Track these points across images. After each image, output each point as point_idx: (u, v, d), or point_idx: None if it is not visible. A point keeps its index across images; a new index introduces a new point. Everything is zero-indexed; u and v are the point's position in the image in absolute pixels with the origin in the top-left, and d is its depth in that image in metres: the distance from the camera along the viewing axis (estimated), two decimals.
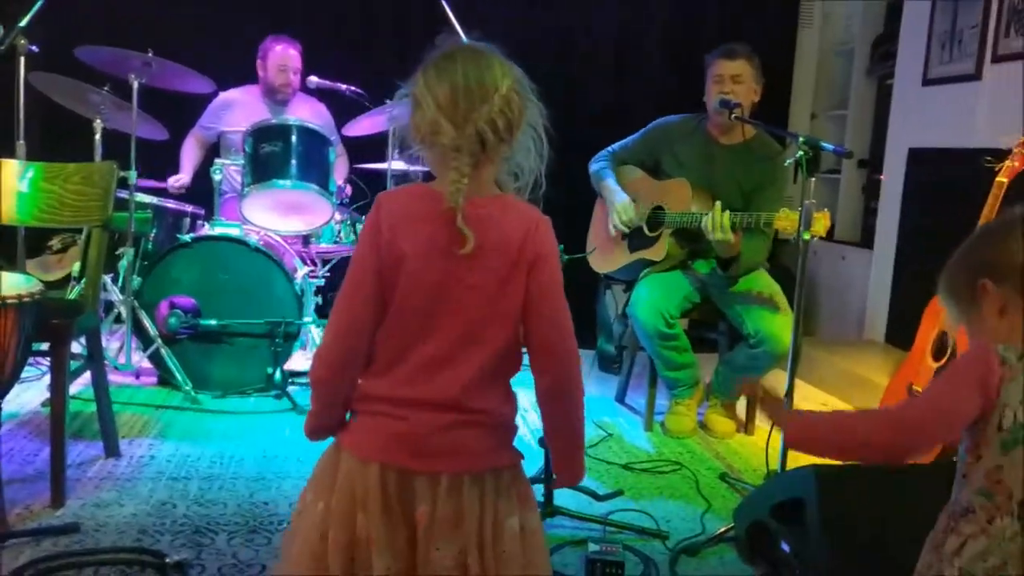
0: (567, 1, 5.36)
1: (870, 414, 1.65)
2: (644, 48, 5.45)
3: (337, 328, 1.54)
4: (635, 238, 3.69)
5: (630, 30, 5.44)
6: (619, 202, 3.66)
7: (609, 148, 3.84)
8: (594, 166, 3.84)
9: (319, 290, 4.32)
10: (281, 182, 3.83)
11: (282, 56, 4.45)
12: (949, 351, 3.01)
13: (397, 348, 1.52)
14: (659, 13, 5.45)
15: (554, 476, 1.83)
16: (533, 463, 3.08)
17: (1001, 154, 3.01)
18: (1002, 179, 2.97)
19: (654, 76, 5.39)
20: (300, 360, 4.09)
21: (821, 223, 2.81)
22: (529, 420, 3.69)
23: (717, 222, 3.23)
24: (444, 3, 3.90)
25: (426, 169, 1.60)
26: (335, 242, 4.35)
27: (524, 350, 1.59)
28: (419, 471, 1.50)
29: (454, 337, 1.50)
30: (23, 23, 3.54)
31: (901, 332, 4.50)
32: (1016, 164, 2.96)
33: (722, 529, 2.65)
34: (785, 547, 2.31)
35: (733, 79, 3.45)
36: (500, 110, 1.48)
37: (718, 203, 3.27)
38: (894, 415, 1.51)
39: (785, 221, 2.99)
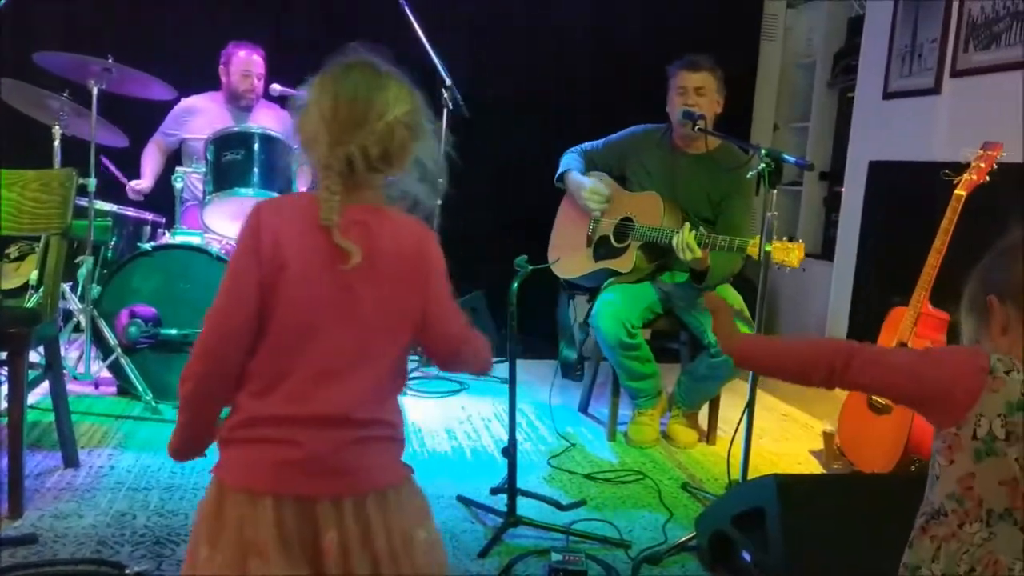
0: (534, 14, 5.39)
1: (826, 342, 1.66)
2: (606, 59, 5.49)
3: (208, 340, 1.50)
4: (601, 247, 3.70)
5: (593, 42, 5.48)
6: (586, 184, 3.66)
7: (580, 146, 3.86)
8: (563, 159, 3.85)
9: None
10: (243, 190, 3.80)
11: (245, 62, 4.42)
12: None
13: (281, 365, 1.44)
14: (622, 25, 5.50)
15: None
16: (497, 473, 3.08)
17: (960, 168, 3.06)
18: (960, 192, 3.02)
19: (616, 86, 5.43)
20: None
21: (795, 254, 2.84)
22: (492, 430, 3.69)
23: (683, 242, 3.23)
24: (409, 14, 3.89)
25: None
26: None
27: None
28: (320, 496, 1.40)
29: (344, 350, 1.44)
30: None
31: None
32: (974, 178, 3.01)
33: (684, 538, 2.66)
34: (746, 556, 2.33)
35: (696, 91, 3.48)
36: (378, 139, 1.44)
37: (687, 224, 3.28)
38: (861, 349, 1.52)
39: (758, 247, 2.99)
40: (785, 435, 3.92)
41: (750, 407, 2.67)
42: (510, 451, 2.70)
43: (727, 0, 5.57)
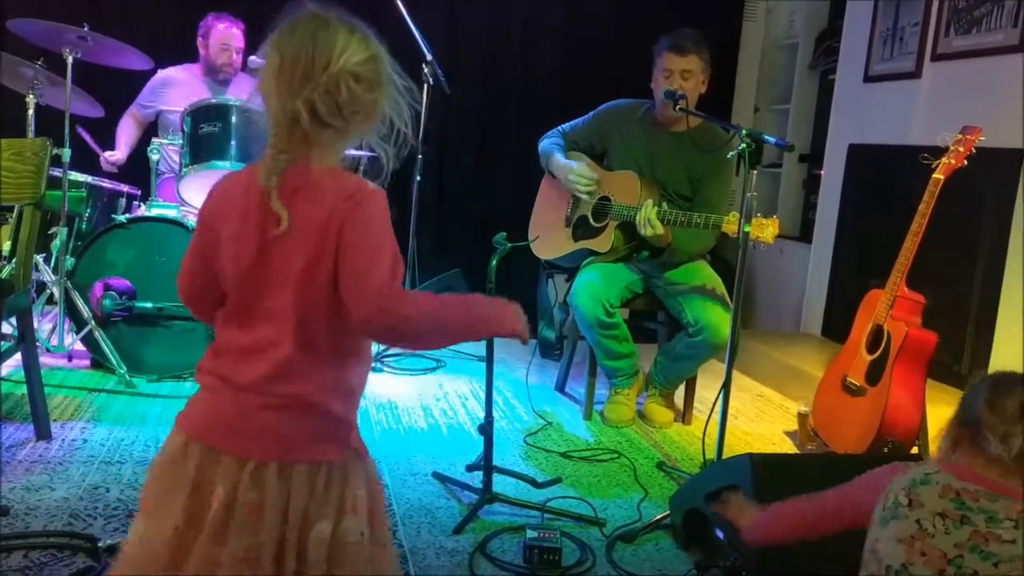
0: None
1: (801, 509, 1.82)
2: (589, 37, 5.46)
3: (179, 293, 1.56)
4: (580, 227, 3.70)
5: (575, 18, 5.46)
6: (572, 167, 3.64)
7: (559, 128, 3.84)
8: (543, 143, 3.83)
9: None
10: (220, 163, 3.76)
11: (224, 35, 4.37)
12: (883, 344, 3.07)
13: (227, 326, 1.48)
14: (604, 3, 5.47)
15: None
16: (473, 450, 3.08)
17: (939, 152, 3.07)
18: (939, 176, 3.03)
19: (598, 65, 5.41)
20: None
21: (769, 230, 2.84)
22: (469, 407, 3.69)
23: (644, 217, 3.27)
24: None
25: (373, 154, 1.54)
26: None
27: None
28: (223, 450, 1.43)
29: (270, 316, 1.43)
30: None
31: (837, 325, 4.59)
32: (953, 162, 3.02)
33: (658, 516, 2.67)
34: (719, 534, 2.35)
35: (682, 74, 3.46)
36: (323, 91, 1.40)
37: (649, 200, 3.29)
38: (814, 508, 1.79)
39: (735, 225, 3.01)
40: (760, 415, 3.94)
41: (726, 387, 2.68)
42: (486, 428, 2.70)
43: None
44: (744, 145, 2.69)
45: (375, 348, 3.75)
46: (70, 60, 3.66)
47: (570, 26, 5.46)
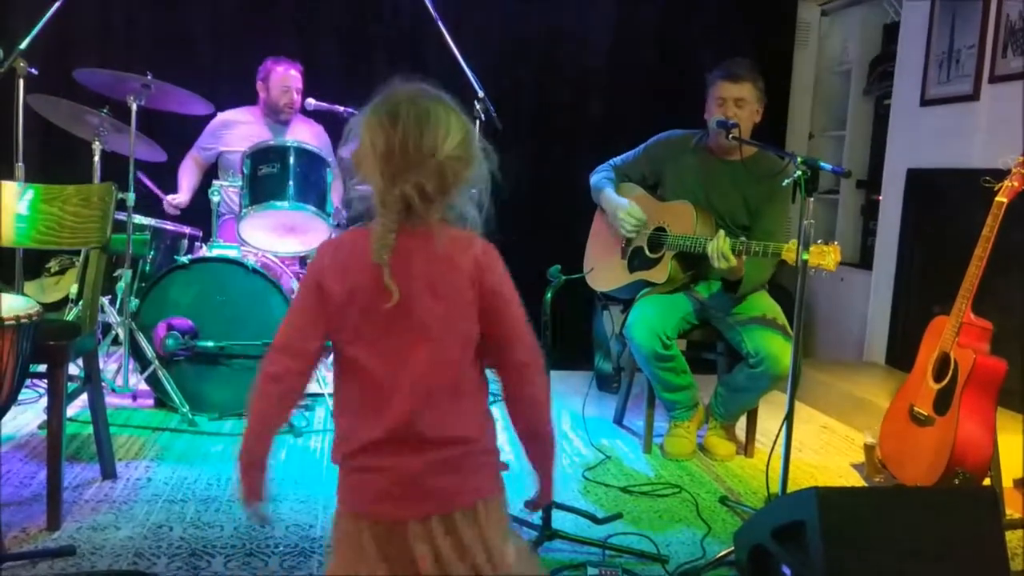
0: (561, 20, 5.39)
1: None
2: (639, 66, 5.47)
3: (274, 350, 1.59)
4: (635, 258, 3.68)
5: (626, 49, 5.47)
6: (624, 206, 3.63)
7: (610, 161, 3.84)
8: (594, 177, 3.83)
9: None
10: (279, 203, 3.83)
11: (284, 76, 4.46)
12: (951, 372, 3.00)
13: (367, 395, 1.55)
14: (655, 33, 5.49)
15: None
16: (532, 486, 3.06)
17: (1000, 174, 3.01)
18: (1001, 199, 2.97)
19: (650, 94, 5.41)
20: None
21: (831, 257, 2.81)
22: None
23: (718, 249, 3.21)
24: (441, 27, 3.90)
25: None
26: None
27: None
28: (407, 518, 1.53)
29: (417, 374, 1.52)
30: (23, 45, 3.55)
31: (902, 353, 4.50)
32: (1015, 184, 2.96)
33: (723, 553, 2.63)
34: (786, 571, 2.30)
35: (736, 102, 3.44)
36: (432, 175, 1.50)
37: (721, 231, 3.26)
38: None
39: (794, 252, 2.96)
40: (825, 447, 3.86)
41: (789, 418, 2.63)
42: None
43: (760, 8, 5.54)
44: (799, 172, 2.66)
45: None
46: (134, 107, 3.77)
47: (618, 58, 5.47)
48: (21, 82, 3.56)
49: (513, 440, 1.72)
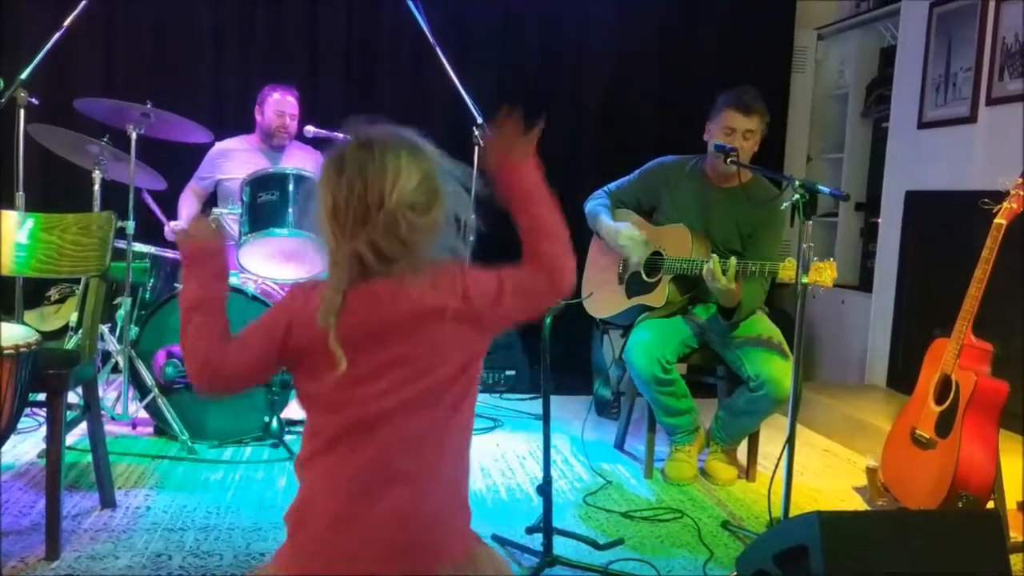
0: (560, 46, 5.44)
1: None
2: (637, 91, 5.51)
3: (209, 356, 1.62)
4: (633, 283, 3.68)
5: (624, 73, 5.50)
6: (624, 229, 3.61)
7: (605, 187, 3.84)
8: (589, 204, 3.82)
9: None
10: (278, 230, 3.83)
11: (280, 102, 4.48)
12: (952, 394, 2.99)
13: (337, 451, 1.47)
14: (653, 58, 5.52)
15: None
16: (532, 511, 3.04)
17: (999, 196, 3.01)
18: (1000, 221, 2.97)
19: (647, 118, 5.44)
20: (297, 409, 4.06)
21: (827, 273, 2.81)
22: (527, 467, 3.66)
23: (717, 271, 3.22)
24: (440, 54, 3.93)
25: None
26: None
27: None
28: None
29: (390, 428, 1.46)
30: (24, 75, 3.57)
31: (903, 376, 4.49)
32: (1014, 206, 2.96)
33: None
34: None
35: (744, 134, 3.45)
36: (384, 231, 1.39)
37: (714, 255, 3.26)
38: None
39: (791, 271, 2.97)
40: (827, 471, 3.85)
41: (790, 442, 2.63)
42: (545, 489, 2.67)
43: (757, 33, 5.57)
44: (797, 196, 2.67)
45: None
46: (134, 136, 3.78)
47: (616, 82, 5.50)
48: (22, 112, 3.59)
49: (519, 464, 1.70)
